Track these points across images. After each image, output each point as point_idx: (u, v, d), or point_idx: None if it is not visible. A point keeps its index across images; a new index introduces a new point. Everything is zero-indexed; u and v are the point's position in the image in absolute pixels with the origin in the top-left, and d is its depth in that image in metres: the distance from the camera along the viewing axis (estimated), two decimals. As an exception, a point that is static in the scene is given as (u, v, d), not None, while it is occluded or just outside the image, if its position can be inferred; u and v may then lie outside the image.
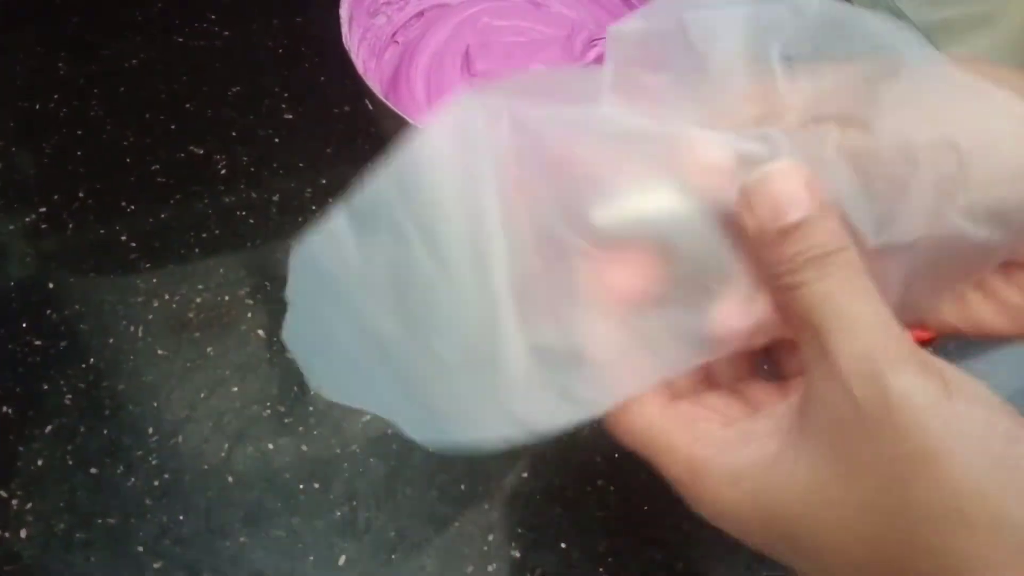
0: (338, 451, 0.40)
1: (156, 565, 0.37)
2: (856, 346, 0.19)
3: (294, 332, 0.23)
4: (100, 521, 0.38)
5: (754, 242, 0.21)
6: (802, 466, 0.20)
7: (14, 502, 0.38)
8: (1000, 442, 0.18)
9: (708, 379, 0.24)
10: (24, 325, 0.43)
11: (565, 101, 0.22)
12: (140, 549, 0.37)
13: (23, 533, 0.37)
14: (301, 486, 0.39)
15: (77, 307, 0.44)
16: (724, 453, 0.21)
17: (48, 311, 0.44)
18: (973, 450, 0.18)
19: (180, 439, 0.40)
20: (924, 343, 0.38)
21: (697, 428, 0.22)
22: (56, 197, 0.48)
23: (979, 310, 0.25)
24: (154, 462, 0.39)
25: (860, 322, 0.20)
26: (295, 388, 0.42)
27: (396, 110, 0.41)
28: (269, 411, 0.41)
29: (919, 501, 0.18)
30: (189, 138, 0.51)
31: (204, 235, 0.47)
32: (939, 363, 0.20)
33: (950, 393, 0.19)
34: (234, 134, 0.52)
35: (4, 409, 0.40)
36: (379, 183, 0.23)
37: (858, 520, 0.19)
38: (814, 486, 0.19)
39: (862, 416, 0.19)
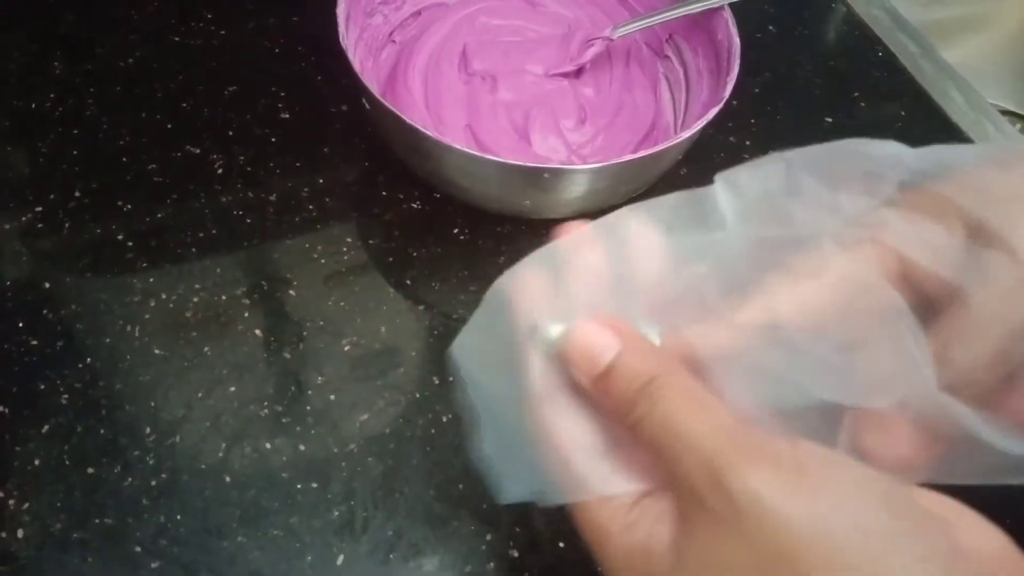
0: (336, 450, 0.40)
1: (153, 565, 0.37)
2: (699, 458, 0.20)
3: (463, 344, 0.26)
4: (97, 521, 0.37)
5: (594, 399, 0.23)
6: (690, 561, 0.20)
7: (10, 502, 0.38)
8: (875, 522, 0.18)
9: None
10: (20, 325, 0.43)
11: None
12: (137, 549, 0.37)
13: (19, 533, 0.37)
14: (299, 486, 0.39)
15: (73, 307, 0.44)
16: (625, 532, 0.22)
17: (44, 311, 0.43)
18: (836, 544, 0.18)
19: (177, 439, 0.40)
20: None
21: (612, 500, 0.22)
22: (52, 196, 0.48)
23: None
24: (151, 462, 0.39)
25: (699, 436, 0.20)
26: (292, 388, 0.42)
27: (393, 109, 0.41)
28: (266, 411, 0.41)
29: None
30: (185, 137, 0.51)
31: (201, 234, 0.47)
32: (801, 452, 0.19)
33: (808, 485, 0.19)
34: (231, 133, 0.51)
35: (0, 409, 0.40)
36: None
37: None
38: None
39: (722, 523, 0.19)
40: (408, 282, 0.47)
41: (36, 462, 0.39)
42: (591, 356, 0.22)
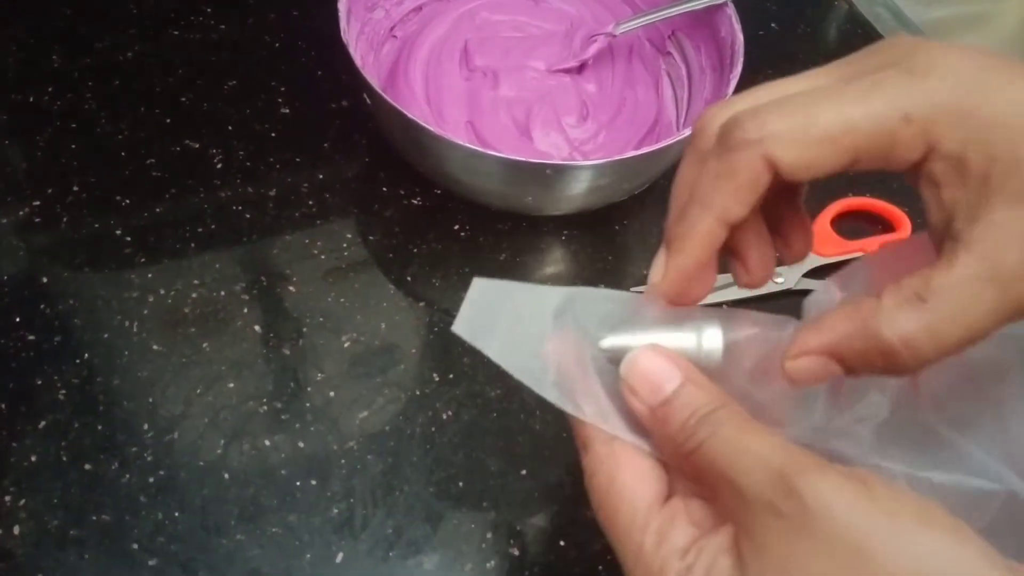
0: (335, 448, 0.40)
1: (151, 562, 0.36)
2: (768, 468, 0.20)
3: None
4: (94, 518, 0.37)
5: (648, 426, 0.23)
6: None
7: (7, 499, 0.37)
8: (935, 532, 0.19)
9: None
10: (17, 320, 0.42)
11: None
12: (135, 546, 0.37)
13: (16, 530, 0.37)
14: (298, 483, 0.39)
15: (71, 302, 0.43)
16: (689, 573, 0.21)
17: (41, 306, 0.43)
18: (908, 542, 0.18)
19: (175, 435, 0.40)
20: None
21: (667, 541, 0.22)
22: (49, 191, 0.47)
23: None
24: (149, 459, 0.39)
25: (765, 451, 0.21)
26: (291, 384, 0.42)
27: (395, 105, 0.41)
28: (265, 407, 0.41)
29: None
30: (184, 132, 0.51)
31: (200, 230, 0.47)
32: (858, 471, 0.20)
33: (874, 493, 0.19)
34: (230, 128, 0.51)
35: (-3, 405, 0.40)
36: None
37: None
38: None
39: (795, 530, 0.19)
40: (408, 278, 0.46)
41: (33, 458, 0.38)
42: (653, 385, 0.23)
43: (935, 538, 0.19)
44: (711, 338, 0.24)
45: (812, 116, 0.22)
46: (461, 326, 0.24)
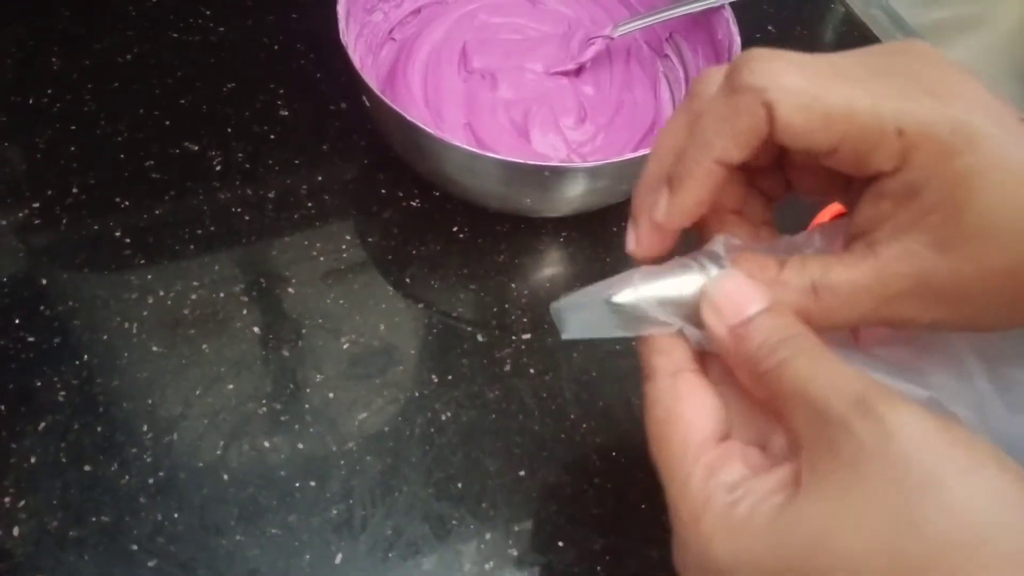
0: (334, 448, 0.40)
1: (150, 563, 0.36)
2: (846, 391, 0.20)
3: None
4: (94, 519, 0.37)
5: (723, 347, 0.24)
6: (812, 514, 0.20)
7: (6, 499, 0.37)
8: (1010, 477, 0.19)
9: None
10: (16, 321, 0.42)
11: None
12: (134, 547, 0.37)
13: (16, 531, 0.37)
14: (297, 484, 0.39)
15: (70, 303, 0.43)
16: (730, 508, 0.21)
17: (41, 307, 0.43)
18: (983, 477, 0.18)
19: (175, 436, 0.40)
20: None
21: (716, 476, 0.22)
22: (49, 192, 0.47)
23: None
24: (148, 459, 0.39)
25: (847, 374, 0.21)
26: (291, 385, 0.42)
27: (393, 106, 0.41)
28: (264, 408, 0.41)
29: (931, 532, 0.18)
30: (184, 134, 0.51)
31: (199, 231, 0.47)
32: (937, 413, 0.20)
33: (951, 429, 0.19)
34: (229, 130, 0.51)
35: (-4, 406, 0.40)
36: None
37: (872, 552, 0.19)
38: (826, 529, 0.19)
39: (867, 452, 0.19)
40: (407, 280, 0.46)
41: (32, 459, 0.39)
42: (738, 303, 0.23)
43: (1010, 482, 0.18)
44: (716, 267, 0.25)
45: (824, 87, 0.22)
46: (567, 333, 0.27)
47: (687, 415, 0.23)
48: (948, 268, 0.22)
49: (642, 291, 0.25)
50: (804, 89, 0.22)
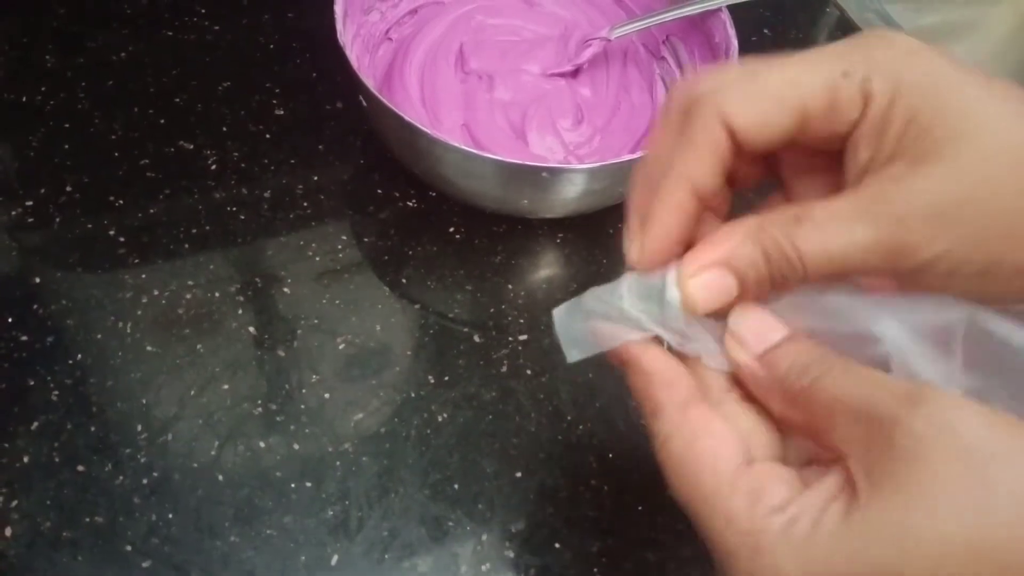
0: (330, 449, 0.40)
1: (145, 564, 0.36)
2: (894, 391, 0.20)
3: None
4: (87, 520, 0.37)
5: (750, 375, 0.24)
6: (886, 513, 0.19)
7: (-1, 500, 0.37)
8: None
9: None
10: (9, 320, 0.42)
11: None
12: (128, 548, 0.36)
13: (8, 531, 0.36)
14: (293, 485, 0.39)
15: (64, 302, 0.43)
16: (789, 528, 0.21)
17: (34, 306, 0.43)
18: None
19: (169, 437, 0.40)
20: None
21: (761, 501, 0.21)
22: (42, 191, 0.47)
23: None
24: (143, 460, 0.39)
25: (883, 378, 0.21)
26: (286, 386, 0.42)
27: (390, 106, 0.41)
28: (260, 409, 0.41)
29: (1007, 515, 0.18)
30: (179, 133, 0.50)
31: (194, 231, 0.47)
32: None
33: (997, 413, 0.19)
34: (225, 129, 0.51)
35: (-11, 405, 0.40)
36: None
37: (956, 540, 0.19)
38: (906, 524, 0.19)
39: (928, 443, 0.19)
40: (403, 281, 0.46)
41: (25, 459, 0.38)
42: (760, 334, 0.24)
43: None
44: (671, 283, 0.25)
45: (762, 75, 0.23)
46: (570, 354, 0.28)
47: (711, 448, 0.23)
48: (932, 182, 0.21)
49: (624, 301, 0.26)
50: (746, 82, 0.23)
